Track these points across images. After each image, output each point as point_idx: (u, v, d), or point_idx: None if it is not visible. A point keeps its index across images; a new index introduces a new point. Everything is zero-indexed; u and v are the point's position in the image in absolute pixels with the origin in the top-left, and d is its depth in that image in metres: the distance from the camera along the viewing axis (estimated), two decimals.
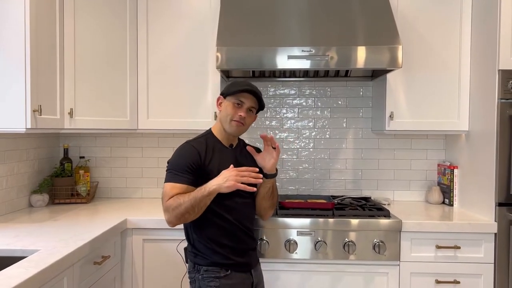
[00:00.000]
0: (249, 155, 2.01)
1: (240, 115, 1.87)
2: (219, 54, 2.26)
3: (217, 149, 1.90)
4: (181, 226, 1.90)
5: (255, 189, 1.86)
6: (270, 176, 1.94)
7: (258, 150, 2.04)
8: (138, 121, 2.63)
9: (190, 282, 1.92)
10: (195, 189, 1.77)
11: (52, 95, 2.22)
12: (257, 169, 1.83)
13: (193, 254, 1.89)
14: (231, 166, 1.80)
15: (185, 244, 1.99)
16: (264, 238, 2.25)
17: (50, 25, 2.20)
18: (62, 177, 2.74)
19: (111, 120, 2.53)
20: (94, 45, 2.45)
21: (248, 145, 2.05)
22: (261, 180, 1.79)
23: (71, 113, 2.33)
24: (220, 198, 1.79)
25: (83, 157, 2.91)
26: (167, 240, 2.27)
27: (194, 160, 1.82)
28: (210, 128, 2.00)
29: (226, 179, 1.73)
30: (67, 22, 2.32)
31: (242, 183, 1.74)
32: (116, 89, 2.55)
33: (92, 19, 2.43)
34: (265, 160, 1.94)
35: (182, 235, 2.28)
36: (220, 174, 1.78)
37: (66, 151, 2.86)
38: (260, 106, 1.93)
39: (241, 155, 1.99)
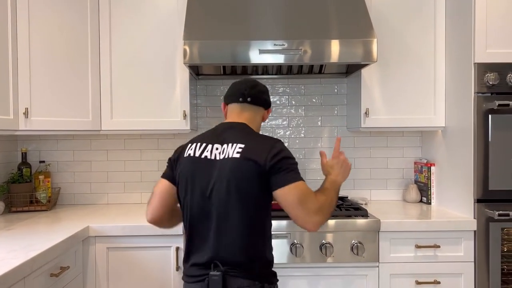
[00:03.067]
0: None
1: None
2: (186, 48, 2.14)
3: None
4: (155, 230, 1.74)
5: None
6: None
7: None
8: (101, 122, 2.46)
9: None
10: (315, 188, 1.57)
11: (4, 94, 2.05)
12: None
13: (267, 274, 1.56)
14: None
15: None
16: None
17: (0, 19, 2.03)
18: (20, 183, 2.54)
19: (72, 121, 2.35)
20: (52, 40, 2.28)
21: None
22: None
23: (26, 113, 2.16)
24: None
25: (43, 162, 2.72)
26: (133, 248, 2.13)
27: None
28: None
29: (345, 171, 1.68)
30: (21, 17, 2.15)
31: None
32: (77, 88, 2.38)
33: (49, 13, 2.26)
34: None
35: (149, 242, 2.14)
36: (337, 164, 1.66)
37: (24, 155, 2.67)
38: None
39: None
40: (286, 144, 2.79)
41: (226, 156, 1.49)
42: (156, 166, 2.82)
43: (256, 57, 2.17)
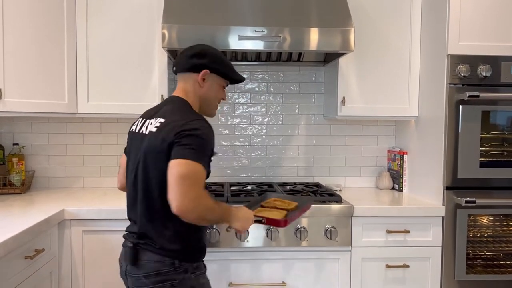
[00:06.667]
0: None
1: (223, 99, 1.77)
2: (165, 32, 2.12)
3: None
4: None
5: None
6: None
7: None
8: (77, 105, 2.43)
9: None
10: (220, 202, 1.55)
11: None
12: None
13: (180, 251, 1.50)
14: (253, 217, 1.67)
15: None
16: (214, 226, 2.16)
17: None
18: None
19: (47, 103, 2.31)
20: (27, 21, 2.22)
21: None
22: None
23: None
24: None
25: (17, 144, 2.67)
26: (109, 231, 2.13)
27: (213, 146, 1.53)
28: (189, 104, 1.60)
29: (244, 228, 1.62)
30: None
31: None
32: (53, 69, 2.33)
33: None
34: None
35: (125, 226, 2.15)
36: (249, 217, 1.63)
37: None
38: None
39: None
40: (263, 131, 2.87)
41: (148, 131, 1.53)
42: None
43: (235, 43, 2.18)
